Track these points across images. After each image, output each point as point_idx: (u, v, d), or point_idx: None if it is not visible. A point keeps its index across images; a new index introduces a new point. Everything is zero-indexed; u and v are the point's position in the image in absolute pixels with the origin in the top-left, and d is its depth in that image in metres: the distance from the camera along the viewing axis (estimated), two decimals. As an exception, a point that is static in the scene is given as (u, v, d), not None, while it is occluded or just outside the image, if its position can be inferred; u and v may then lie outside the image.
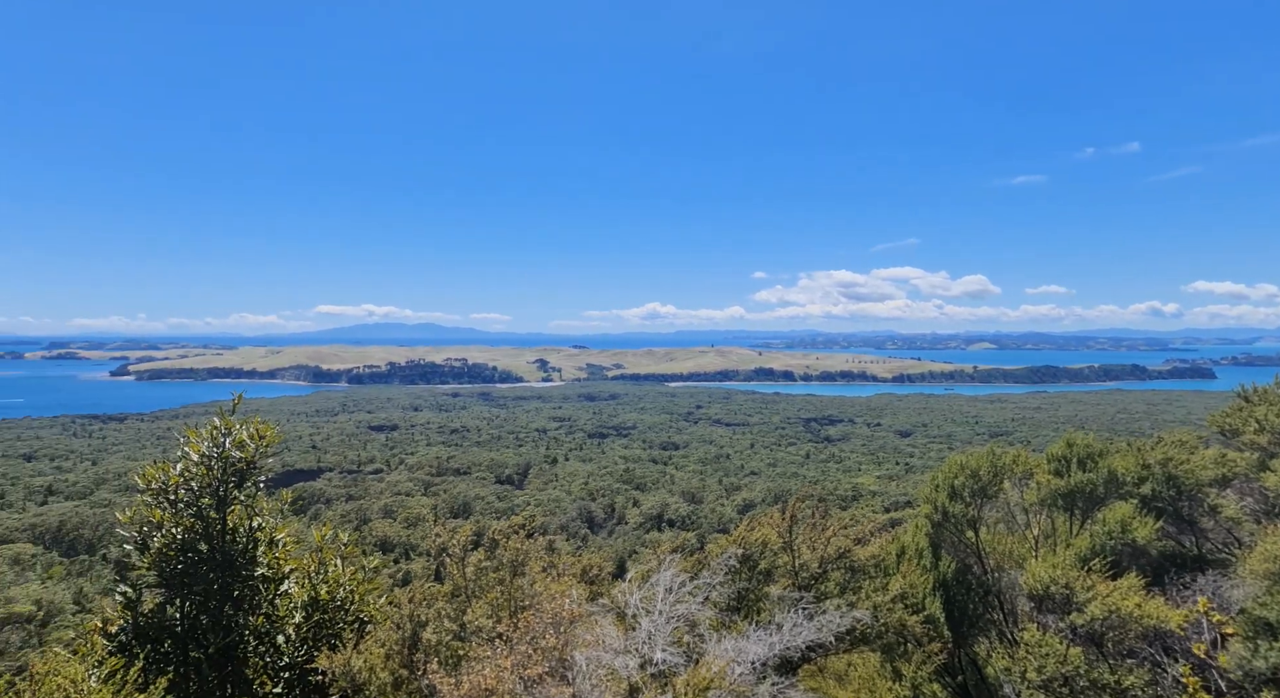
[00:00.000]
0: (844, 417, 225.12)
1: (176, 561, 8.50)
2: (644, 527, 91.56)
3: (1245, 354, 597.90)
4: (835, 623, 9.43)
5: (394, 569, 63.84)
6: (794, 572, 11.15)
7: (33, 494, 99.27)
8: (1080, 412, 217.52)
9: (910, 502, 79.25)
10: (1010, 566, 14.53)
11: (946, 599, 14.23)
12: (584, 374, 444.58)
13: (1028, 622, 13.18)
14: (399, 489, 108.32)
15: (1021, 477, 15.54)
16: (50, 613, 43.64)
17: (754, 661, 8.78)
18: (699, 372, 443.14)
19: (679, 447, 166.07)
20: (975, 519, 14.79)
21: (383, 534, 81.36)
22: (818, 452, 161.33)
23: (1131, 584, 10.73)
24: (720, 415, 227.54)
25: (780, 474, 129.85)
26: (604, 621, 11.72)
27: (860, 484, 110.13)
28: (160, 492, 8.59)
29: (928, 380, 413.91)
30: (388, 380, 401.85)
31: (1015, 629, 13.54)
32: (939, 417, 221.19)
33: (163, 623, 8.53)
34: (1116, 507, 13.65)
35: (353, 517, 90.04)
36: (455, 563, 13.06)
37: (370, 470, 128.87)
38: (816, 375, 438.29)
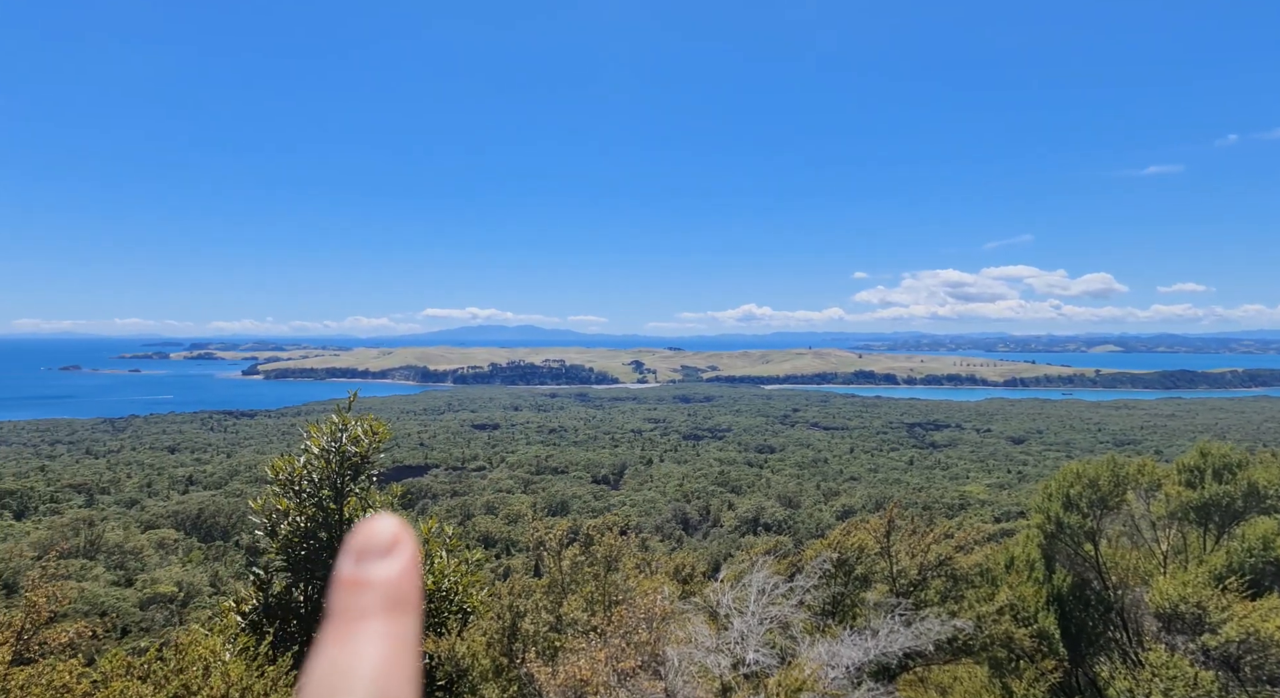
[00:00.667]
0: (950, 422, 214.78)
1: (300, 547, 9.20)
2: (739, 530, 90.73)
3: None
4: (935, 631, 9.14)
5: (495, 564, 66.04)
6: (891, 578, 10.87)
7: (176, 484, 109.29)
8: (1221, 420, 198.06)
9: (1023, 512, 74.62)
10: (1134, 582, 13.54)
11: (1061, 614, 13.44)
12: (679, 376, 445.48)
13: (1154, 642, 12.26)
14: (500, 487, 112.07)
15: (1148, 488, 14.44)
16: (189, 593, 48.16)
17: (848, 665, 8.65)
18: (796, 374, 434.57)
19: (775, 450, 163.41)
20: (1094, 532, 13.87)
21: (485, 530, 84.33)
22: (922, 458, 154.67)
23: (1274, 605, 9.82)
24: (818, 419, 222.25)
25: (882, 480, 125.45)
26: (696, 619, 11.82)
27: (968, 493, 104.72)
28: (287, 483, 9.30)
29: (1043, 384, 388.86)
30: (490, 381, 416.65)
31: (1140, 650, 12.62)
32: (1056, 423, 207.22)
33: (289, 604, 9.26)
34: (1257, 522, 12.48)
35: (457, 512, 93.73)
36: (552, 557, 13.52)
37: (473, 468, 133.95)
38: (921, 379, 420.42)
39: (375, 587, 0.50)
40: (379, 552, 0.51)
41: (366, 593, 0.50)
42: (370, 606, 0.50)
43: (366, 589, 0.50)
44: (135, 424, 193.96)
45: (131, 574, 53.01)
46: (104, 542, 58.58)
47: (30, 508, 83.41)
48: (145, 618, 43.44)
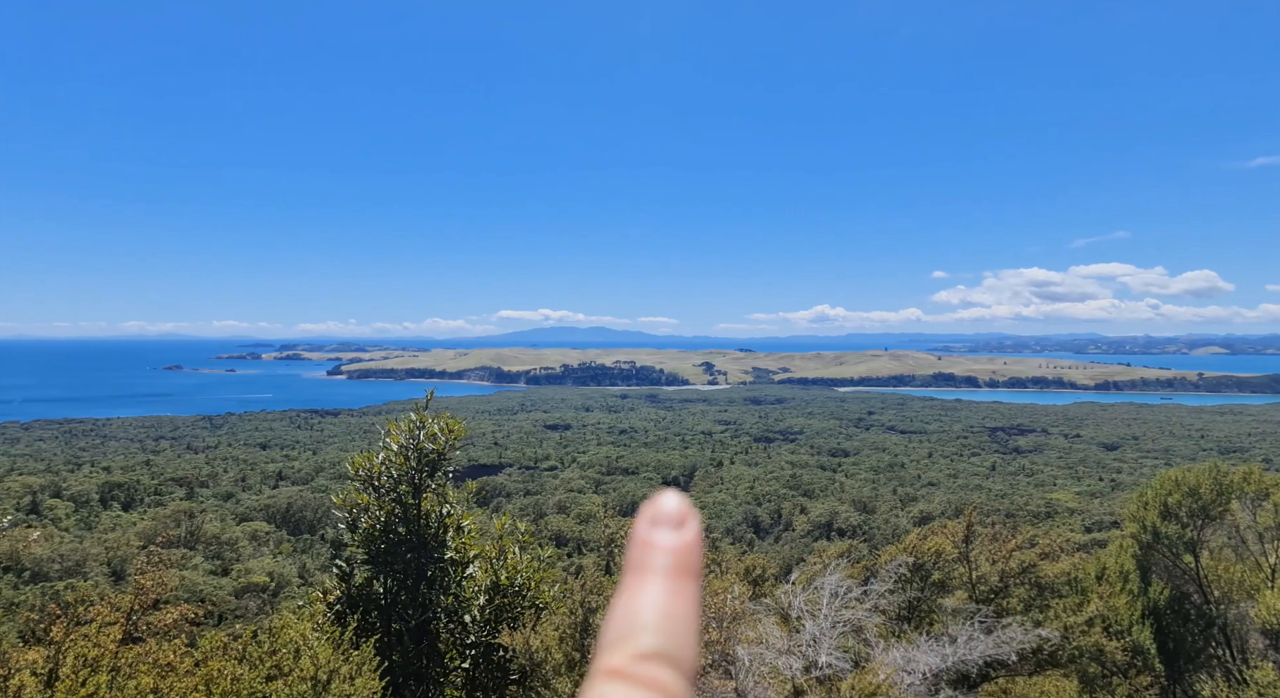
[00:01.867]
0: (1036, 426, 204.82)
1: (380, 540, 9.62)
2: (811, 534, 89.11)
3: None
4: (1018, 640, 8.86)
5: (567, 563, 66.91)
6: (971, 584, 10.58)
7: (267, 479, 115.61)
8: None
9: (1116, 522, 70.41)
10: (1239, 596, 12.71)
11: (1158, 629, 12.74)
12: (749, 378, 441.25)
13: (1260, 660, 11.47)
14: (572, 486, 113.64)
15: (1254, 497, 13.52)
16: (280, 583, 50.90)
17: (925, 671, 8.50)
18: (870, 376, 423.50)
19: (849, 454, 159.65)
20: (1194, 542, 13.09)
21: (557, 529, 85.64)
22: (1005, 463, 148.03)
23: (1401, 627, 9.07)
24: (894, 422, 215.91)
25: (962, 486, 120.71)
26: (767, 620, 11.79)
27: (1055, 500, 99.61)
28: (366, 479, 9.76)
29: (1139, 388, 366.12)
30: (561, 382, 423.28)
31: (1244, 667, 11.84)
32: (1153, 429, 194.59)
33: (370, 595, 9.70)
34: (1383, 536, 11.52)
35: (530, 510, 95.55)
36: (621, 552, 13.73)
37: (546, 467, 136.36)
38: (1004, 382, 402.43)
39: (663, 550, 0.57)
40: (669, 522, 0.58)
41: (656, 554, 0.57)
42: (658, 565, 0.57)
43: (656, 551, 0.57)
44: (231, 421, 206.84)
45: (227, 564, 56.55)
46: (202, 533, 62.58)
47: (136, 500, 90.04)
48: (240, 606, 46.18)
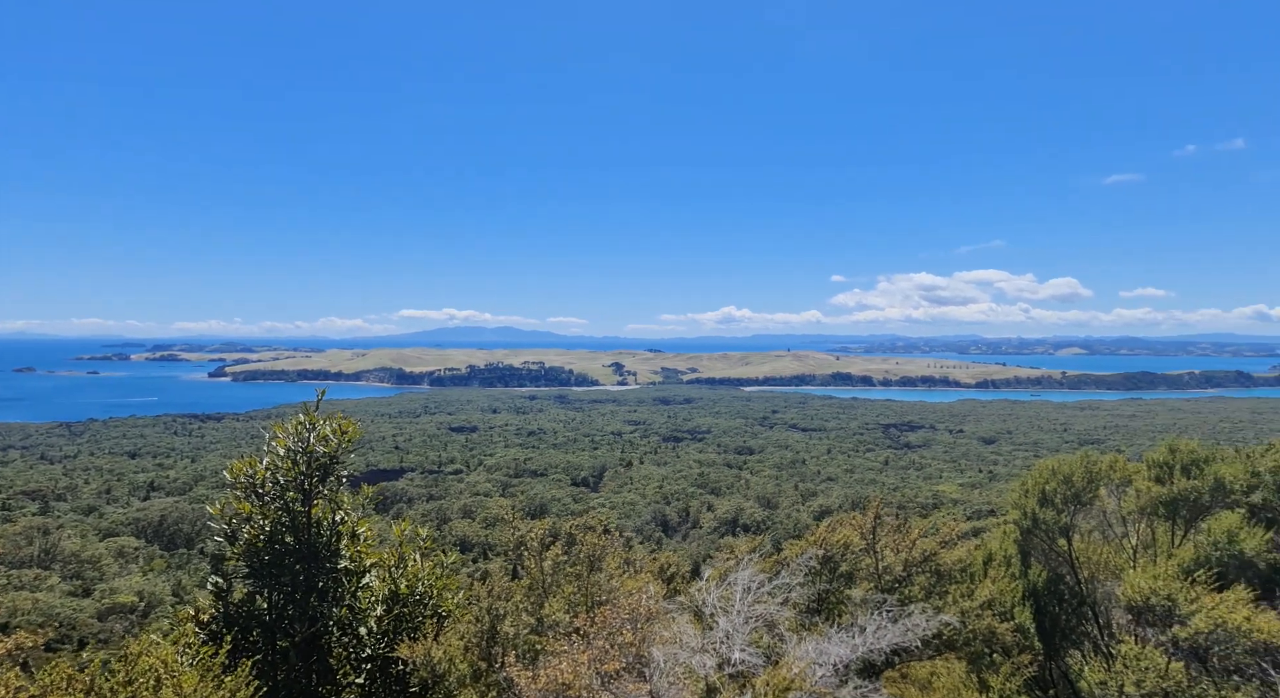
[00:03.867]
0: (925, 423, 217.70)
1: (264, 552, 8.84)
2: (718, 531, 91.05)
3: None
4: (921, 627, 9.32)
5: (472, 568, 65.39)
6: (877, 574, 11.05)
7: (136, 490, 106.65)
8: (1179, 420, 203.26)
9: (994, 510, 75.87)
10: (1106, 576, 13.89)
11: (1037, 609, 13.73)
12: (659, 378, 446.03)
13: (1125, 635, 12.58)
14: (478, 490, 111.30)
15: (1119, 484, 14.82)
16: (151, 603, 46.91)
17: (836, 663, 8.78)
18: (775, 376, 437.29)
19: (754, 451, 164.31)
20: (1068, 527, 14.21)
21: (462, 534, 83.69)
22: (897, 458, 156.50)
23: (1240, 597, 10.15)
24: (796, 420, 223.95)
25: (858, 481, 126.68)
26: (681, 619, 11.86)
27: (941, 492, 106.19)
28: (248, 486, 8.98)
29: (1013, 386, 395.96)
30: (467, 383, 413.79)
31: (1111, 642, 12.95)
32: (1025, 424, 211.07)
33: (251, 612, 8.86)
34: (1223, 516, 12.88)
35: (433, 516, 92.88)
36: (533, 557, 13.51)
37: (450, 471, 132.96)
38: (896, 380, 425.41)
39: None
40: None
41: None
42: None
43: None
44: (93, 428, 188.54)
45: (89, 584, 51.44)
46: (60, 550, 56.69)
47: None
48: (104, 629, 42.20)
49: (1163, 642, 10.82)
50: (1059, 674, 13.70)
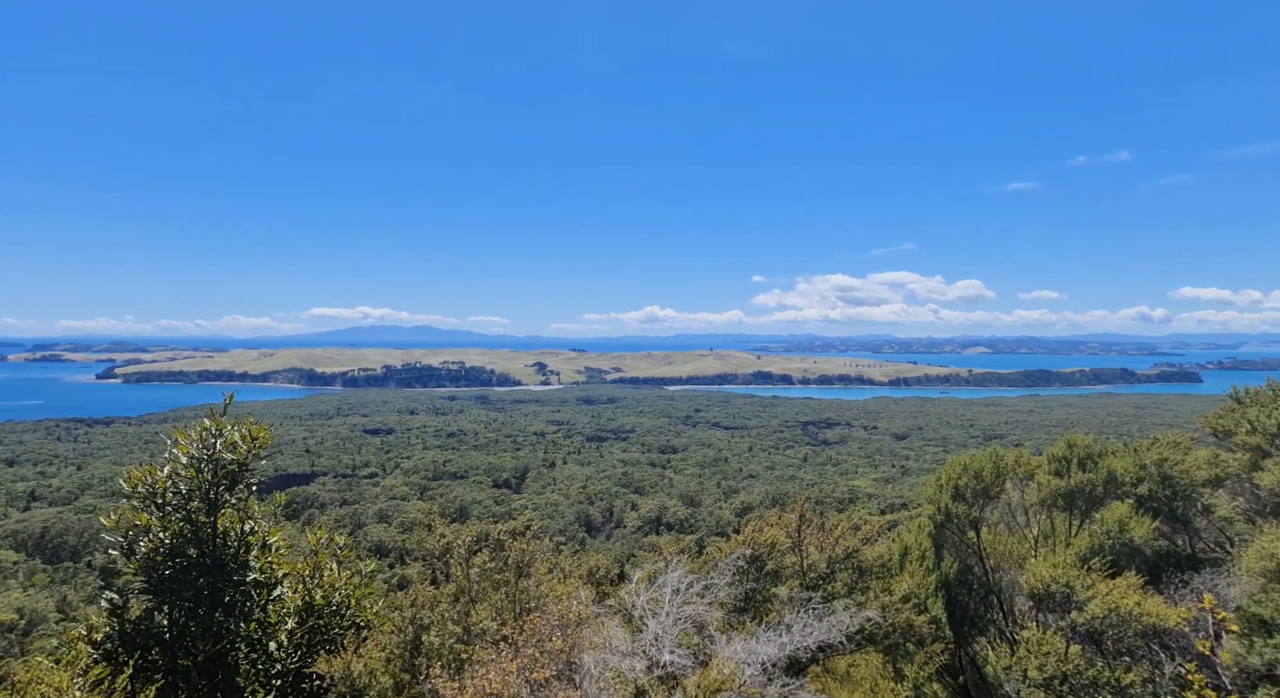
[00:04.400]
0: (841, 420, 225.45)
1: (164, 566, 8.24)
2: (642, 530, 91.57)
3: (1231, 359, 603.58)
4: (845, 623, 9.57)
5: (389, 575, 63.56)
6: (802, 572, 11.30)
7: (15, 500, 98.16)
8: (1072, 415, 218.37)
9: (906, 504, 79.37)
10: (1010, 566, 14.70)
11: (949, 599, 14.39)
12: (582, 377, 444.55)
13: (1028, 621, 13.35)
14: (394, 494, 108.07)
15: (1023, 478, 15.72)
16: (32, 621, 43.22)
17: (764, 662, 8.91)
18: (697, 375, 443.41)
19: (677, 450, 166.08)
20: (977, 520, 14.97)
21: (378, 539, 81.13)
22: (815, 455, 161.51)
23: (1130, 583, 10.91)
24: (719, 419, 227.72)
25: (778, 477, 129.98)
26: (611, 622, 11.79)
27: (857, 487, 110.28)
28: (148, 495, 8.35)
29: (924, 384, 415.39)
30: (383, 383, 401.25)
31: (1015, 629, 13.70)
32: (934, 420, 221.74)
33: (150, 630, 8.24)
34: (1114, 506, 13.84)
35: (347, 521, 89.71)
36: (459, 564, 13.15)
37: (365, 475, 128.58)
38: (814, 379, 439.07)
39: None
40: None
41: None
42: None
43: None
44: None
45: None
46: (-78, 567, 51.87)
47: None
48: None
49: (1062, 627, 11.53)
50: (968, 661, 14.41)
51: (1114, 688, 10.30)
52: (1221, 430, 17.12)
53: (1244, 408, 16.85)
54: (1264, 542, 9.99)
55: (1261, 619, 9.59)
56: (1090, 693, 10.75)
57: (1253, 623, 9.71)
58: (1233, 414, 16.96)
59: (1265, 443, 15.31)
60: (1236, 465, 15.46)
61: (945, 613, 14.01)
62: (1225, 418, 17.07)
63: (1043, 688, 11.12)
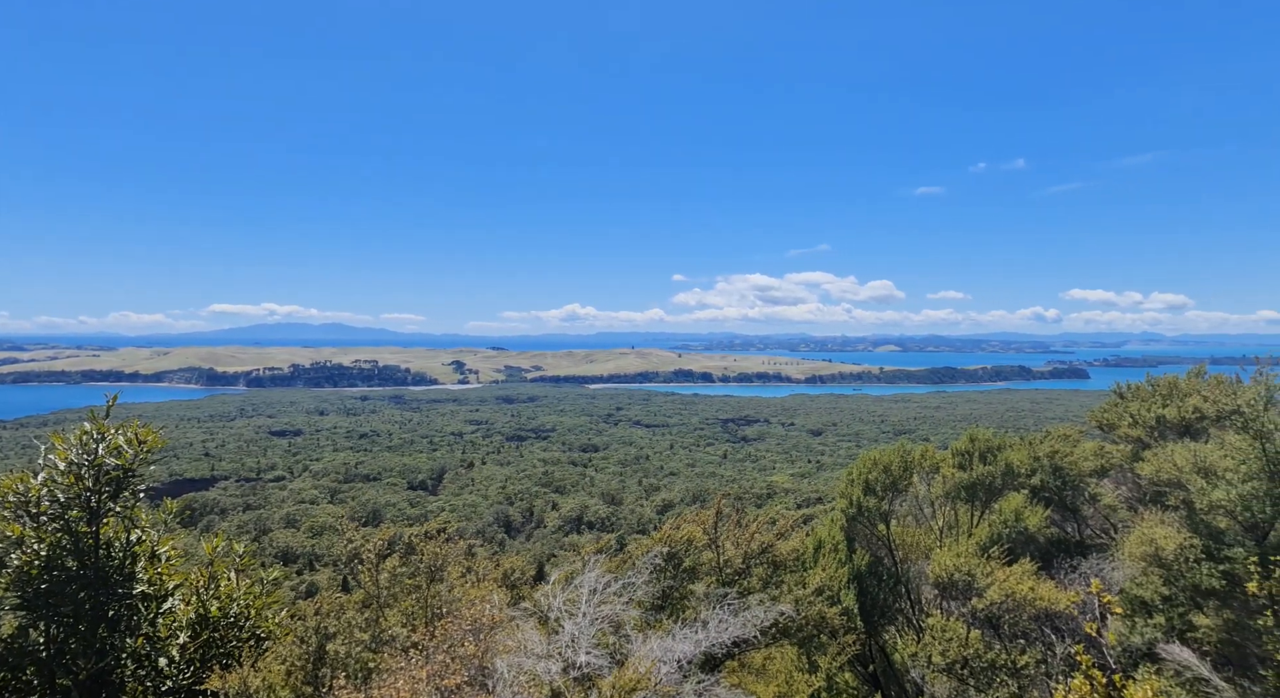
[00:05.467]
0: (760, 417, 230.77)
1: (39, 579, 7.71)
2: (563, 529, 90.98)
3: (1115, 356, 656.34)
4: (760, 618, 9.62)
5: (297, 581, 61.00)
6: (718, 568, 11.31)
7: None
8: (975, 410, 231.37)
9: (821, 498, 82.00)
10: (918, 556, 15.25)
11: (860, 591, 14.77)
12: (502, 376, 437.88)
13: (933, 609, 13.87)
14: (303, 497, 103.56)
15: (929, 471, 16.35)
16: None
17: (680, 659, 8.84)
18: (619, 373, 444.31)
19: (599, 449, 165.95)
20: (887, 513, 15.45)
21: (285, 545, 77.68)
22: (735, 452, 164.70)
23: (1025, 569, 11.47)
24: (640, 417, 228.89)
25: (698, 474, 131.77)
26: (526, 625, 11.51)
27: (774, 483, 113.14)
28: (19, 504, 7.76)
29: (838, 381, 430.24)
30: (291, 383, 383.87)
31: (922, 617, 14.21)
32: (848, 416, 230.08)
33: (24, 648, 7.75)
34: (1011, 497, 14.56)
35: (251, 527, 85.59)
36: (368, 570, 12.56)
37: (271, 478, 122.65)
38: (734, 377, 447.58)
39: None
40: None
41: None
42: None
43: None
44: None
45: None
46: None
47: None
48: None
49: (964, 613, 12.02)
50: (878, 650, 14.84)
51: (1010, 670, 10.80)
52: (1106, 424, 18.34)
53: (1126, 403, 18.11)
54: (1144, 528, 10.69)
55: (1142, 601, 10.26)
56: (989, 675, 11.24)
57: (1134, 605, 10.38)
58: (1116, 409, 18.20)
59: (1145, 435, 16.47)
60: (1120, 457, 16.58)
61: (857, 604, 14.37)
62: (1109, 412, 18.29)
63: (945, 673, 11.55)
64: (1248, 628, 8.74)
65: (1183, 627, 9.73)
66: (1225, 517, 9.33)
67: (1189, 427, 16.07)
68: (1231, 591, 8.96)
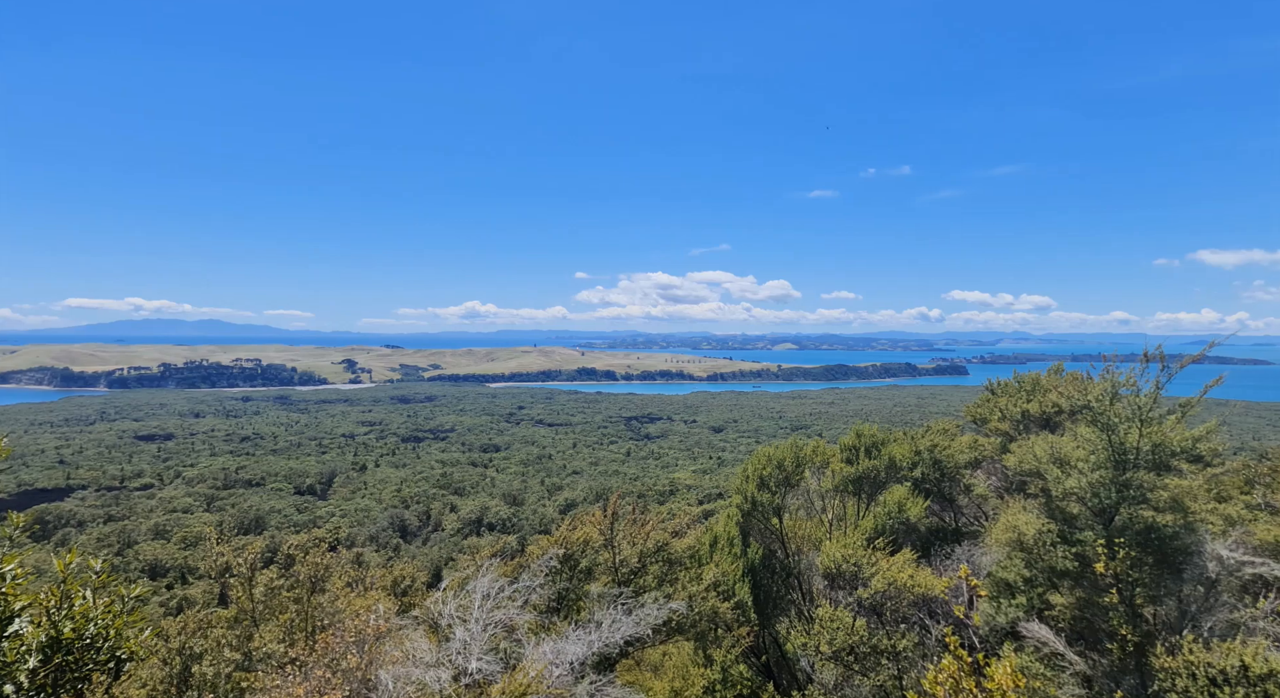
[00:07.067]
0: (663, 415, 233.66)
1: None
2: (462, 532, 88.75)
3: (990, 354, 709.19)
4: (653, 616, 9.63)
5: (167, 596, 56.67)
6: (614, 568, 11.25)
7: None
8: (866, 406, 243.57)
9: (722, 494, 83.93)
10: (809, 548, 15.79)
11: (754, 584, 15.13)
12: (397, 375, 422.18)
13: (822, 599, 14.38)
14: (174, 506, 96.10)
15: (819, 466, 16.96)
16: None
17: (572, 661, 8.71)
18: (521, 372, 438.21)
19: (500, 448, 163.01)
20: (780, 507, 15.90)
21: (153, 558, 71.91)
22: (638, 449, 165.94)
23: (906, 558, 12.06)
24: (543, 416, 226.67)
25: (602, 473, 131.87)
26: (416, 634, 11.10)
27: (677, 479, 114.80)
28: None
29: (739, 379, 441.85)
30: (162, 384, 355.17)
31: (812, 607, 14.72)
32: (748, 413, 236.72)
33: None
34: (895, 489, 15.32)
35: (114, 540, 78.68)
36: (241, 585, 11.72)
37: (138, 486, 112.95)
38: (638, 375, 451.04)
39: None
40: None
41: None
42: None
43: None
44: None
45: None
46: None
47: None
48: None
49: (850, 602, 12.51)
50: (771, 641, 15.26)
51: (891, 654, 11.34)
52: (979, 418, 19.65)
53: (996, 399, 19.46)
54: (1008, 516, 11.48)
55: (1007, 583, 11.01)
56: (872, 660, 11.76)
57: (1000, 587, 11.12)
58: (987, 404, 19.53)
59: (1011, 429, 17.76)
60: (991, 449, 17.79)
61: (751, 597, 14.71)
62: (982, 407, 19.61)
63: (833, 660, 12.00)
64: (1096, 605, 9.53)
65: (1041, 606, 10.51)
66: (1077, 503, 10.15)
67: (1049, 420, 17.46)
68: (1083, 571, 9.75)
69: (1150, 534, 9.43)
